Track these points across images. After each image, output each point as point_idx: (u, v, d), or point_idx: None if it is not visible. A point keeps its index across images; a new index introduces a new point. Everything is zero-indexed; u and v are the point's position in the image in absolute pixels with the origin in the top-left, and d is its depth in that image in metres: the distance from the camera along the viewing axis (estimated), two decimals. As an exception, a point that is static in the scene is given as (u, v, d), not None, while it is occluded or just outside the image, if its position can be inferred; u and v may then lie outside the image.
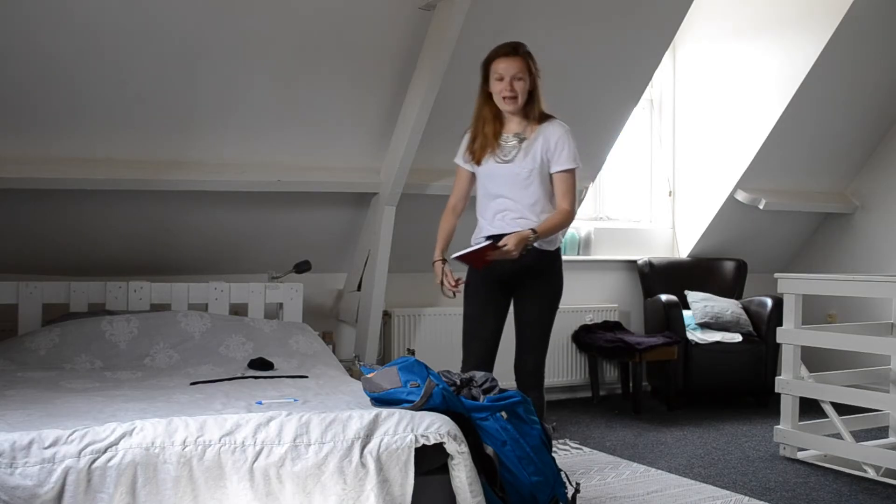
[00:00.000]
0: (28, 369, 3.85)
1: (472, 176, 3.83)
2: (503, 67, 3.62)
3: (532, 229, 3.56)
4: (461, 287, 3.74)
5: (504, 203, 3.69)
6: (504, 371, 3.71)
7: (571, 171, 3.67)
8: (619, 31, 5.31)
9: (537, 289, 3.73)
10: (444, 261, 3.80)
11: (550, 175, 3.68)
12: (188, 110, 4.61)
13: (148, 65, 4.35)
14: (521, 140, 3.68)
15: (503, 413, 3.02)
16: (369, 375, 3.18)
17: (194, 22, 4.30)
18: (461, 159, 3.85)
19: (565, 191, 3.66)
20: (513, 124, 3.73)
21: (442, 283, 3.74)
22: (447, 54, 4.62)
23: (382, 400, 3.05)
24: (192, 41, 4.36)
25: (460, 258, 3.55)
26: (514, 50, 3.63)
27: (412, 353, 3.19)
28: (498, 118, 3.73)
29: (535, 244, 3.61)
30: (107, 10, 4.08)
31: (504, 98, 3.65)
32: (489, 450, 2.97)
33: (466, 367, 3.70)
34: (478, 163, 3.74)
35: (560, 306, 3.77)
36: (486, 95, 3.73)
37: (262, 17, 4.42)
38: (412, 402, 2.94)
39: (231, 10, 4.33)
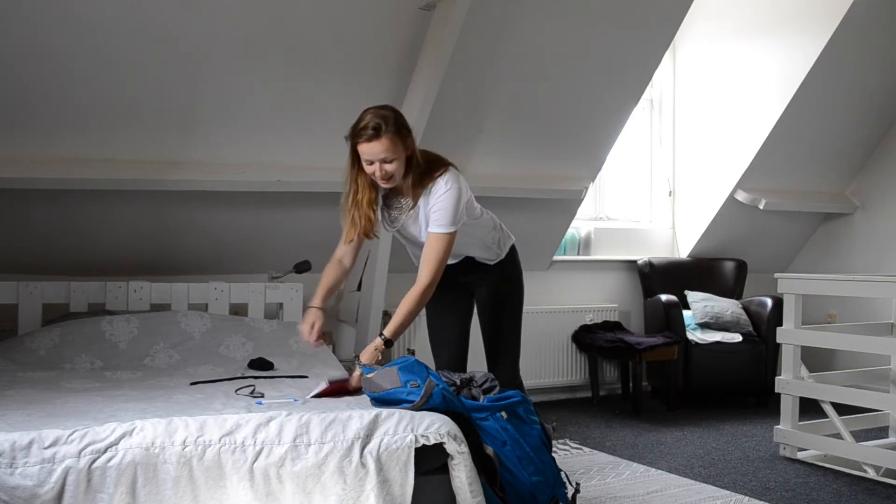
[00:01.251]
0: (28, 369, 3.85)
1: (361, 243, 3.55)
2: (368, 151, 3.26)
3: (381, 335, 3.36)
4: (322, 346, 3.49)
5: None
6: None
7: (440, 236, 3.31)
8: (618, 31, 5.31)
9: (495, 294, 3.62)
10: (321, 309, 3.47)
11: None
12: (188, 110, 4.61)
13: (148, 64, 4.35)
14: (410, 208, 3.39)
15: (503, 413, 3.01)
16: (369, 375, 3.18)
17: (195, 22, 4.30)
18: (355, 234, 3.51)
19: (428, 256, 3.33)
20: (397, 192, 3.43)
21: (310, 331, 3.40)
22: (447, 54, 4.62)
23: (382, 400, 3.04)
24: (192, 41, 4.36)
25: (319, 395, 3.32)
26: (375, 132, 3.22)
27: (412, 353, 3.12)
28: (375, 185, 3.41)
29: (479, 260, 3.54)
30: (107, 9, 4.08)
31: (380, 180, 3.33)
32: (489, 450, 2.97)
33: (437, 368, 3.68)
34: (368, 236, 3.49)
35: (560, 306, 3.76)
36: (359, 165, 3.38)
37: (263, 17, 4.42)
38: (412, 402, 2.94)
39: (232, 10, 4.33)
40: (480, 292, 3.67)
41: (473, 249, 3.57)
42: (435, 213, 3.30)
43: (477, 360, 3.80)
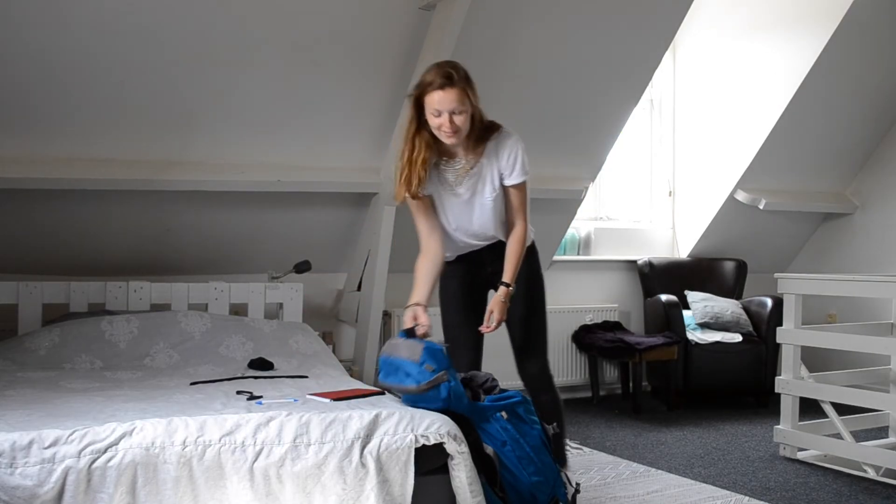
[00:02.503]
0: (28, 369, 3.85)
1: (430, 201, 3.43)
2: (438, 101, 3.18)
3: (505, 283, 3.36)
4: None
5: (466, 237, 3.49)
6: (509, 372, 3.67)
7: (523, 184, 3.41)
8: (619, 30, 5.31)
9: (518, 289, 3.50)
10: (423, 306, 3.32)
11: (504, 188, 3.43)
12: (188, 110, 4.61)
13: (147, 64, 4.35)
14: (471, 167, 3.38)
15: (503, 413, 3.01)
16: (396, 340, 3.13)
17: (194, 21, 4.30)
18: (406, 192, 3.37)
19: (519, 203, 3.42)
20: (458, 151, 3.38)
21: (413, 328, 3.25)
22: (447, 54, 4.60)
23: (390, 364, 3.01)
24: (191, 41, 4.36)
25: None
26: (448, 80, 3.18)
27: (448, 349, 3.01)
28: (434, 145, 3.33)
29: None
30: (106, 9, 4.08)
31: (445, 134, 3.25)
32: (489, 449, 2.96)
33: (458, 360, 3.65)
34: (415, 197, 3.36)
35: (560, 306, 3.73)
36: (419, 123, 3.29)
37: (262, 16, 4.42)
38: (418, 382, 2.91)
39: (231, 10, 4.33)
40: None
41: (491, 221, 3.47)
42: (513, 162, 3.35)
43: (495, 360, 3.75)
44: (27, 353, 4.04)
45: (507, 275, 3.38)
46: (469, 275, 3.57)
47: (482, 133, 3.34)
